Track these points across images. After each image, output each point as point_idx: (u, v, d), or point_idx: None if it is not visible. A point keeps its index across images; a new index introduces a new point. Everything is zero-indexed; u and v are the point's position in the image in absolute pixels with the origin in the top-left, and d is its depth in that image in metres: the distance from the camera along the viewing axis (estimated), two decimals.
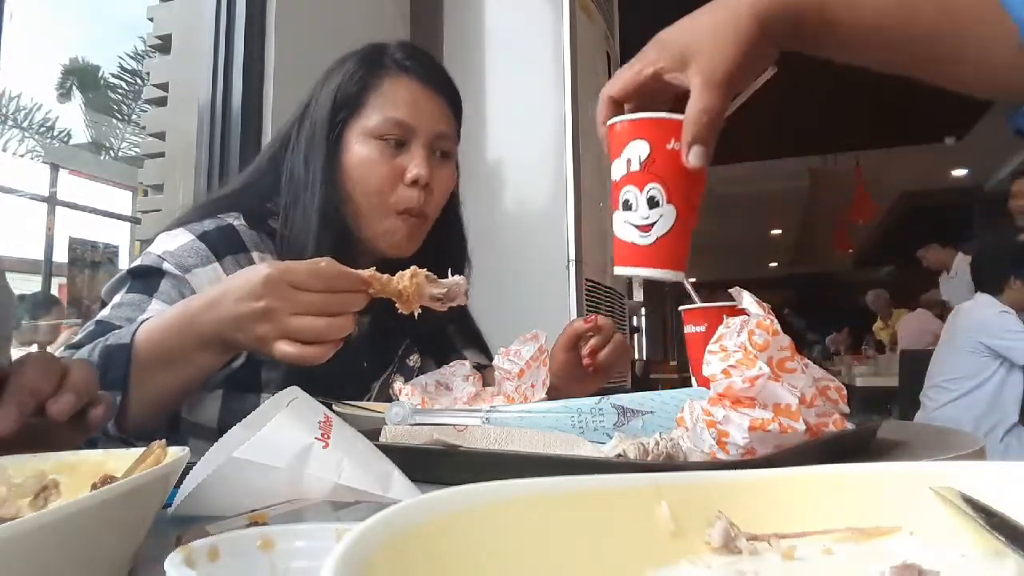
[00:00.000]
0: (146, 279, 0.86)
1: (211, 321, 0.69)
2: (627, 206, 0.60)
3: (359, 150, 0.92)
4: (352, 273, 0.69)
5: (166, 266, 0.85)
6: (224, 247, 0.89)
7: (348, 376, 0.96)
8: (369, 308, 1.02)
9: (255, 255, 0.91)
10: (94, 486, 0.37)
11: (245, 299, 0.66)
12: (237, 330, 0.68)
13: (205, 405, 0.86)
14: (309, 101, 0.98)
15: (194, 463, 0.48)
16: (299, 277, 0.66)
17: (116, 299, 0.86)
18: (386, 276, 0.70)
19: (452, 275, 0.74)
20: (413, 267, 0.71)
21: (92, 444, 0.57)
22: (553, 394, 0.85)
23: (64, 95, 8.68)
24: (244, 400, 0.85)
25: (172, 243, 0.88)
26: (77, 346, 0.78)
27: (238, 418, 0.85)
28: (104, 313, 0.84)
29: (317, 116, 0.95)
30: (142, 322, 0.73)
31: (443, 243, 1.01)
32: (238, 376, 0.85)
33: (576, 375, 0.94)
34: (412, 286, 0.70)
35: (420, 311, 0.72)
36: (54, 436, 0.49)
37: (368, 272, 0.70)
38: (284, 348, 0.66)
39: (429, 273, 0.71)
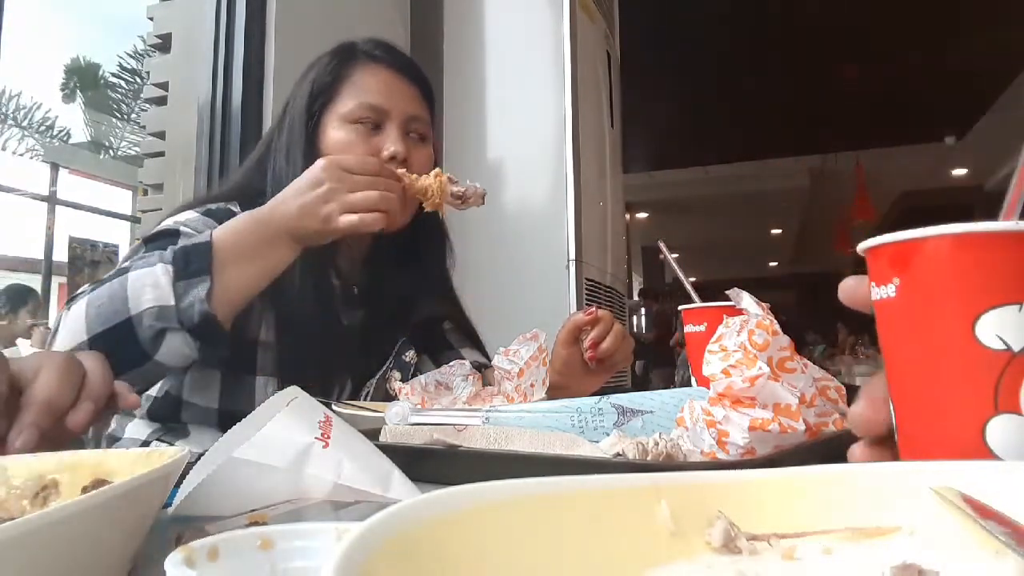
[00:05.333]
0: (162, 240, 0.86)
1: (279, 218, 0.79)
2: None
3: (335, 135, 0.96)
4: (389, 167, 0.85)
5: (184, 229, 0.87)
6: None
7: (345, 370, 0.97)
8: (365, 304, 1.03)
9: None
10: (84, 489, 0.37)
11: (307, 189, 0.78)
12: (303, 218, 0.78)
13: (205, 387, 0.90)
14: (288, 100, 1.01)
15: (194, 462, 0.48)
16: (350, 162, 0.81)
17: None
18: (414, 175, 0.86)
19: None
20: (437, 168, 0.86)
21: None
22: (558, 392, 0.85)
23: (69, 96, 8.68)
24: (242, 382, 0.90)
25: (182, 217, 0.91)
26: (100, 282, 0.78)
27: (237, 399, 0.87)
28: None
29: (295, 109, 0.99)
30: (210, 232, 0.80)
31: (422, 228, 1.03)
32: (236, 359, 0.88)
33: (580, 370, 0.94)
34: (437, 183, 0.86)
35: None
36: (63, 434, 0.50)
37: (400, 170, 0.86)
38: (349, 219, 0.78)
39: (451, 175, 0.86)
